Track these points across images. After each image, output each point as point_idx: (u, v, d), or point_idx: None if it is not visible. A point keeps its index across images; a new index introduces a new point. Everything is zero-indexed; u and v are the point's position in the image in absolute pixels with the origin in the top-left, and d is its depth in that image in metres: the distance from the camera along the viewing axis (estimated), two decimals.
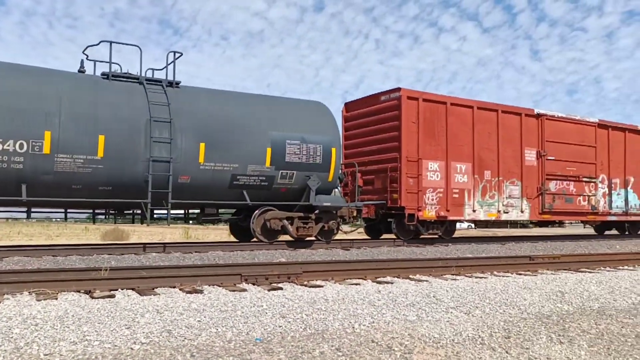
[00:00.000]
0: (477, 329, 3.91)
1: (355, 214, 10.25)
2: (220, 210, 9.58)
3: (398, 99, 10.38)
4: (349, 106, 12.33)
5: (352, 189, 11.02)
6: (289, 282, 5.62)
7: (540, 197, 12.32)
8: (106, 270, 5.33)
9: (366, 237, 12.25)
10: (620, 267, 8.00)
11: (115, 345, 3.10)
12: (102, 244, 10.96)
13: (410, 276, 6.36)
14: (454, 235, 11.93)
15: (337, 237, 10.35)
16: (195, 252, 8.45)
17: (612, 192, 13.90)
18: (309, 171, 9.19)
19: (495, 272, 7.02)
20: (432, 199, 10.46)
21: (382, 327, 3.86)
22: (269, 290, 5.14)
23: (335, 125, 9.73)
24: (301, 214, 9.20)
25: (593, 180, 13.40)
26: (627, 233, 15.64)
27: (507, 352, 3.47)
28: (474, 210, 11.11)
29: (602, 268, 7.81)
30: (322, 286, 5.48)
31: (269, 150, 8.84)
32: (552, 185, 12.55)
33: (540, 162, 12.42)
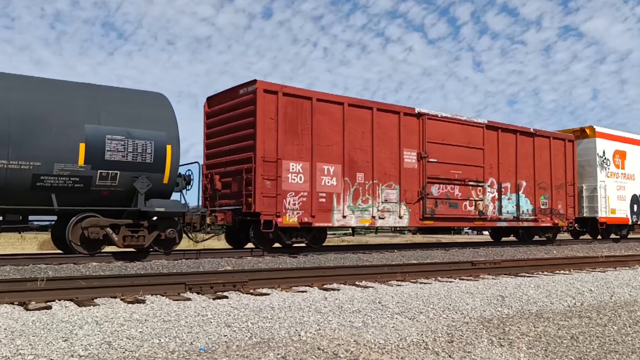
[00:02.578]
0: (422, 334, 5.10)
1: (209, 221, 12.83)
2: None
3: (254, 93, 13.27)
4: (210, 101, 15.18)
5: (211, 193, 13.86)
6: (235, 291, 7.16)
7: (421, 201, 15.99)
8: (43, 280, 6.58)
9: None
10: (557, 272, 10.88)
11: (51, 359, 3.85)
12: (40, 254, 12.97)
13: (357, 282, 8.32)
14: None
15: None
16: (139, 260, 10.64)
17: (502, 196, 18.08)
18: (137, 171, 10.68)
19: (439, 278, 9.31)
20: (294, 204, 13.53)
21: (328, 334, 4.91)
22: (214, 299, 6.51)
23: (174, 120, 11.63)
24: (130, 221, 10.79)
25: (481, 184, 17.44)
26: (524, 240, 20.03)
27: (450, 356, 4.58)
28: (344, 216, 14.40)
29: (540, 272, 10.60)
30: (268, 294, 7.02)
31: (82, 146, 10.10)
32: (435, 189, 16.31)
33: (421, 164, 16.12)
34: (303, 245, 14.31)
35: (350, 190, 14.61)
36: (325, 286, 7.92)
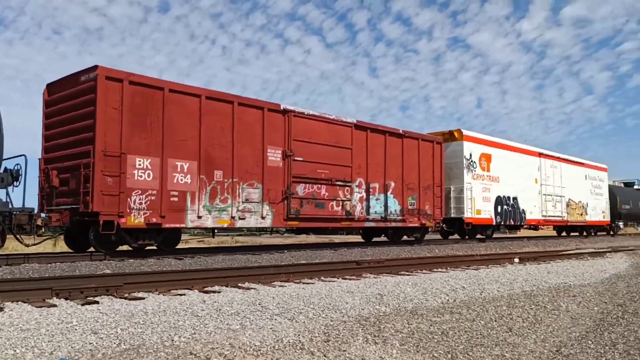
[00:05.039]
0: (299, 334, 5.15)
1: (41, 223, 11.06)
2: None
3: (95, 80, 11.57)
4: (50, 88, 13.15)
5: (49, 191, 11.92)
6: (108, 295, 6.76)
7: (285, 201, 14.87)
8: None
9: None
10: (435, 270, 11.01)
11: None
12: None
13: (240, 284, 8.11)
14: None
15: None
16: (6, 264, 9.61)
17: (371, 197, 17.46)
18: None
19: (322, 278, 9.21)
20: (141, 203, 11.88)
21: (203, 338, 4.84)
22: (82, 304, 6.10)
23: None
24: None
25: (348, 184, 16.68)
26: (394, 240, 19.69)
27: (325, 356, 4.69)
28: (199, 217, 12.91)
29: (419, 271, 10.73)
30: (143, 298, 6.69)
31: None
32: (300, 189, 15.28)
33: (286, 163, 15.02)
34: (154, 248, 12.89)
35: (206, 188, 13.16)
36: (206, 289, 7.66)
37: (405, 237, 20.36)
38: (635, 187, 44.61)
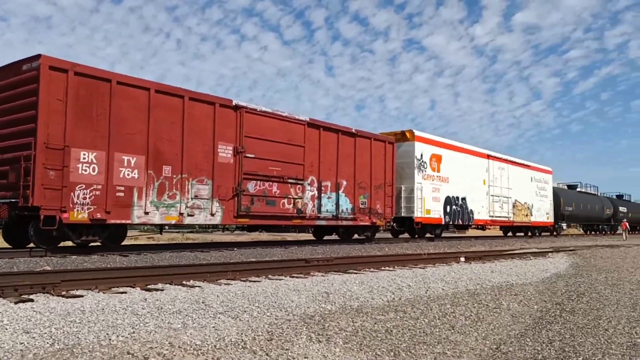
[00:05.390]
0: (242, 333, 5.05)
1: None
2: None
3: (37, 69, 11.11)
4: None
5: None
6: (44, 293, 6.48)
7: (236, 198, 14.70)
8: None
9: None
10: (383, 268, 11.05)
11: None
12: None
13: (184, 282, 7.96)
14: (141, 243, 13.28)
15: None
16: None
17: (322, 195, 17.47)
18: None
19: (270, 276, 9.06)
20: (85, 198, 11.50)
21: (142, 337, 4.67)
22: (15, 302, 5.83)
23: None
24: None
25: (300, 182, 16.63)
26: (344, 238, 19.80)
27: (267, 355, 4.61)
28: (146, 213, 12.62)
29: (367, 269, 10.72)
30: (82, 296, 6.45)
31: None
32: (251, 186, 15.14)
33: (237, 159, 14.85)
34: (99, 244, 12.52)
35: (154, 184, 12.86)
36: (149, 286, 7.43)
37: (356, 236, 20.48)
38: (578, 189, 46.30)
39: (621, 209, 50.86)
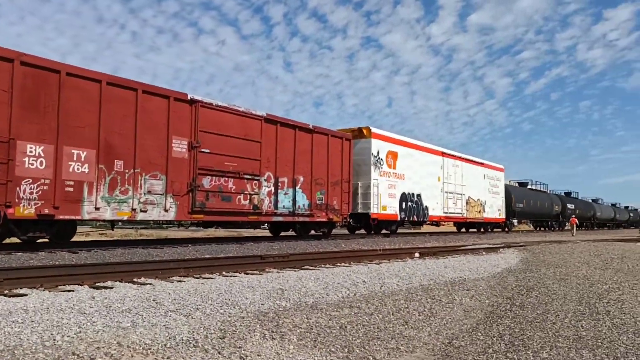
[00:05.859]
0: (194, 332, 4.93)
1: None
2: None
3: None
4: None
5: None
6: None
7: (190, 194, 14.46)
8: None
9: None
10: (338, 264, 11.08)
11: None
12: None
13: (135, 279, 7.79)
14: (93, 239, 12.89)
15: None
16: None
17: (279, 191, 17.38)
18: None
19: (224, 272, 8.96)
20: (32, 193, 11.10)
21: (89, 337, 4.51)
22: None
23: None
24: None
25: (257, 177, 16.50)
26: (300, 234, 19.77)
27: (219, 353, 4.46)
28: (97, 208, 12.27)
29: (322, 265, 10.72)
30: (25, 295, 6.24)
31: None
32: (206, 182, 14.92)
33: (192, 154, 14.60)
34: (46, 241, 12.17)
35: (106, 179, 12.52)
36: (97, 284, 7.29)
37: (313, 232, 20.47)
38: (529, 187, 47.60)
39: (569, 206, 52.56)
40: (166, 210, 13.88)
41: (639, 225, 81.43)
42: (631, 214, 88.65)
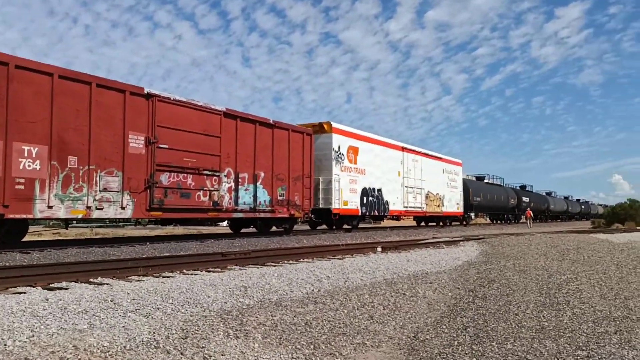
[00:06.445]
0: (154, 332, 4.77)
1: None
2: None
3: None
4: None
5: None
6: None
7: (148, 191, 14.11)
8: None
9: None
10: (301, 260, 10.94)
11: None
12: None
13: (91, 279, 7.60)
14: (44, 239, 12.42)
15: None
16: None
17: (240, 187, 17.16)
18: None
19: (184, 271, 8.76)
20: None
21: (43, 340, 4.30)
22: None
23: None
24: None
25: (217, 173, 16.23)
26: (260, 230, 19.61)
27: (182, 354, 4.36)
28: (50, 206, 11.82)
29: (285, 262, 10.56)
30: None
31: None
32: (165, 178, 14.58)
33: (149, 150, 14.24)
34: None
35: (59, 176, 12.08)
36: (51, 285, 7.05)
37: (274, 228, 20.31)
38: (486, 181, 48.50)
39: (524, 199, 53.83)
40: (123, 208, 13.50)
41: (589, 217, 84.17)
42: (582, 207, 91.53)
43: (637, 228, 39.05)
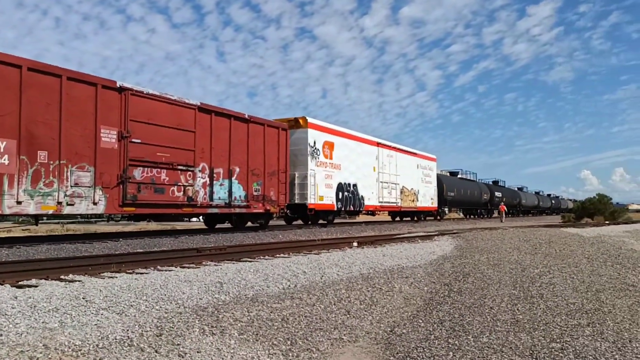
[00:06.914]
0: (128, 330, 4.69)
1: None
2: None
3: None
4: None
5: None
6: None
7: (121, 186, 13.88)
8: None
9: None
10: (278, 255, 10.90)
11: None
12: None
13: (62, 276, 7.44)
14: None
15: None
16: None
17: (214, 182, 17.00)
18: None
19: (159, 267, 8.62)
20: None
21: (11, 340, 4.22)
22: None
23: None
24: None
25: (191, 168, 16.05)
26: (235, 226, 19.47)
27: (156, 352, 4.27)
28: (19, 202, 11.55)
29: (261, 257, 10.50)
30: None
31: None
32: (138, 173, 14.36)
33: (122, 144, 14.00)
34: None
35: (28, 171, 11.79)
36: (20, 283, 6.92)
37: (249, 223, 20.19)
38: (459, 176, 48.98)
39: (497, 194, 54.51)
40: (95, 204, 13.25)
41: (560, 212, 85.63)
42: (553, 201, 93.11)
43: (606, 222, 39.89)
